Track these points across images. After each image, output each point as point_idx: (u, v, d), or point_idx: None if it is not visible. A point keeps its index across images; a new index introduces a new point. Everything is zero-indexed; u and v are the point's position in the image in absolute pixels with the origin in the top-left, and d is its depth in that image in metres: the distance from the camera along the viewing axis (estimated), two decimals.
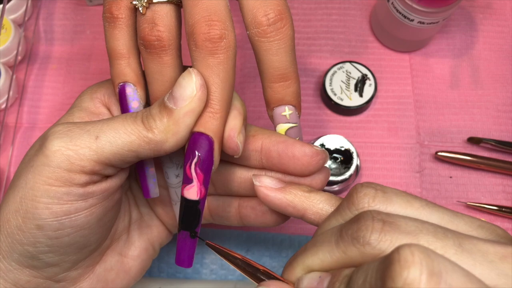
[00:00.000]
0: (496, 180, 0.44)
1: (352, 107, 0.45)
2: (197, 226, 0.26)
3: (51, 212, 0.24)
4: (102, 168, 0.25)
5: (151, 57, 0.26)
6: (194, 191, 0.25)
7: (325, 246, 0.22)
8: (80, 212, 0.25)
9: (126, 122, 0.25)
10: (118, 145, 0.24)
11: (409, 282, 0.16)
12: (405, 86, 0.47)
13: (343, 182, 0.41)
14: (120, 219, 0.30)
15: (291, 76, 0.27)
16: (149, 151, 0.25)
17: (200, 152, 0.24)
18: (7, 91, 0.45)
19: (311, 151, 0.27)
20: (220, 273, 0.41)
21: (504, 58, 0.48)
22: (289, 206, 0.27)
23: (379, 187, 0.23)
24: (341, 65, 0.46)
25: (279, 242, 0.42)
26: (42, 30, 0.50)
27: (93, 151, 0.24)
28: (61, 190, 0.24)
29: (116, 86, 0.28)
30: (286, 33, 0.26)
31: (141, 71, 0.28)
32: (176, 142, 0.25)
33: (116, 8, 0.26)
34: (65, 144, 0.24)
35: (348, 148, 0.41)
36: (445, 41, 0.48)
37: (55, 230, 0.25)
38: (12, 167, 0.46)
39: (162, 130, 0.24)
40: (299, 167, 0.27)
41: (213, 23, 0.24)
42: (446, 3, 0.40)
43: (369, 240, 0.20)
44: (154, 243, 0.32)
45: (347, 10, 0.50)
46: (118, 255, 0.30)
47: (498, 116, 0.46)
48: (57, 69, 0.49)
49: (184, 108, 0.24)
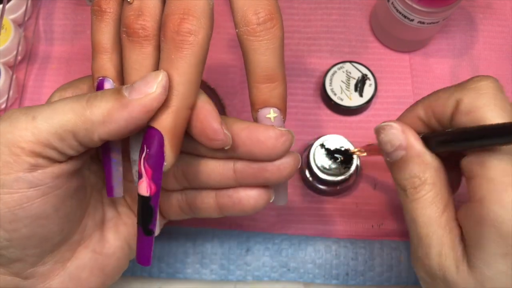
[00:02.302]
0: None
1: (352, 107, 0.45)
2: (151, 223, 0.26)
3: (3, 203, 0.24)
4: (42, 149, 0.24)
5: (132, 45, 0.25)
6: (144, 187, 0.25)
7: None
8: (33, 201, 0.25)
9: (69, 101, 0.25)
10: (53, 124, 0.24)
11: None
12: (405, 86, 0.47)
13: (343, 182, 0.41)
14: (89, 215, 0.30)
15: (277, 77, 0.27)
16: (85, 132, 0.24)
17: (149, 148, 0.24)
18: (7, 91, 0.45)
19: (275, 133, 0.26)
20: (220, 273, 0.41)
21: (504, 58, 0.48)
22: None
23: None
24: (341, 65, 0.46)
25: (279, 242, 0.42)
26: (42, 30, 0.50)
27: (29, 132, 0.24)
28: (10, 178, 0.24)
29: (95, 80, 0.27)
30: (275, 34, 0.25)
31: (121, 68, 0.28)
32: (114, 129, 0.24)
33: (105, 2, 0.26)
34: (4, 128, 0.24)
35: (348, 148, 0.41)
36: (445, 41, 0.48)
37: (10, 222, 0.25)
38: None
39: (101, 111, 0.24)
40: (266, 151, 0.27)
41: (186, 17, 0.24)
42: (446, 3, 0.40)
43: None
44: (131, 242, 0.32)
45: (347, 10, 0.50)
46: (91, 252, 0.30)
47: None
48: (57, 69, 0.49)
49: (136, 100, 0.24)
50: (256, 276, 0.41)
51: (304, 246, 0.42)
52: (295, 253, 0.42)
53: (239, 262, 0.41)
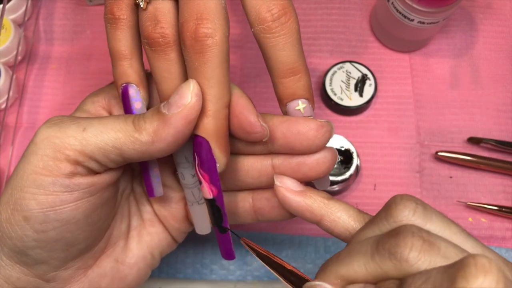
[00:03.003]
0: (496, 180, 0.44)
1: (352, 107, 0.45)
2: (223, 221, 0.27)
3: (37, 203, 0.24)
4: (86, 160, 0.25)
5: (157, 55, 0.26)
6: (206, 191, 0.26)
7: (360, 256, 0.21)
8: (66, 205, 0.25)
9: (117, 120, 0.25)
10: (103, 140, 0.25)
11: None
12: (405, 86, 0.47)
13: (343, 182, 0.41)
14: (116, 223, 0.30)
15: (300, 69, 0.27)
16: (133, 151, 0.25)
17: (199, 155, 0.25)
18: (7, 91, 0.45)
19: (316, 124, 0.27)
20: (220, 273, 0.41)
21: (504, 58, 0.48)
22: (307, 211, 0.27)
23: (419, 201, 0.22)
24: (341, 65, 0.46)
25: (279, 242, 0.42)
26: (42, 30, 0.50)
27: (77, 141, 0.24)
28: (47, 180, 0.24)
29: (118, 87, 0.28)
30: (291, 27, 0.26)
31: (143, 72, 0.28)
32: (164, 146, 0.25)
33: (117, 8, 0.26)
34: (54, 132, 0.25)
35: (348, 148, 0.41)
36: (445, 41, 0.48)
37: (41, 223, 0.25)
38: (12, 167, 0.46)
39: (150, 132, 0.25)
40: (306, 143, 0.27)
41: (200, 21, 0.24)
42: (446, 3, 0.40)
43: (407, 258, 0.20)
44: (154, 251, 0.32)
45: (347, 10, 0.50)
46: (114, 261, 0.30)
47: (498, 116, 0.46)
48: (57, 69, 0.49)
49: (176, 114, 0.24)
50: (256, 276, 0.41)
51: (304, 246, 0.42)
52: (295, 253, 0.42)
53: (239, 262, 0.41)
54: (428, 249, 0.20)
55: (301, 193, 0.27)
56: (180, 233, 0.32)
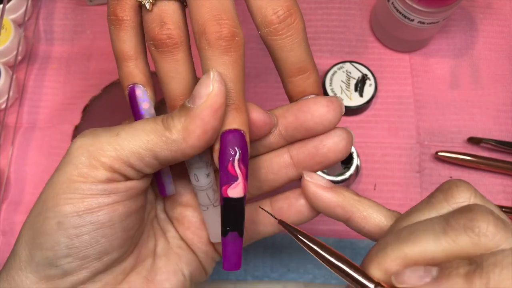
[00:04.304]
0: (496, 180, 0.44)
1: (352, 107, 0.45)
2: (243, 224, 0.26)
3: (72, 207, 0.24)
4: (121, 166, 0.25)
5: (163, 56, 0.26)
6: (240, 188, 0.25)
7: (429, 233, 0.21)
8: (103, 207, 0.25)
9: (148, 122, 0.25)
10: (136, 143, 0.24)
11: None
12: (405, 86, 0.47)
13: (343, 182, 0.41)
14: (144, 241, 0.29)
15: (308, 67, 0.27)
16: (167, 151, 0.25)
17: (240, 148, 0.24)
18: (7, 91, 0.45)
19: (325, 99, 0.27)
20: (220, 273, 0.41)
21: (504, 58, 0.48)
22: (338, 207, 0.26)
23: (472, 186, 0.23)
24: (341, 65, 0.46)
25: (280, 242, 0.42)
26: (42, 30, 0.50)
27: (112, 147, 0.24)
28: (83, 186, 0.24)
29: (125, 88, 0.28)
30: (298, 27, 0.26)
31: (149, 72, 0.28)
32: (195, 141, 0.24)
33: (120, 10, 0.26)
34: (88, 140, 0.25)
35: None
36: (445, 41, 0.48)
37: (76, 227, 0.24)
38: (12, 167, 0.46)
39: (179, 128, 0.24)
40: (318, 119, 0.27)
41: (223, 21, 0.24)
42: (446, 3, 0.40)
43: (486, 232, 0.20)
44: (183, 270, 0.30)
45: (347, 10, 0.50)
46: (143, 278, 0.29)
47: (498, 116, 0.46)
48: (57, 69, 0.49)
49: (201, 105, 0.24)
50: (256, 276, 0.41)
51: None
52: (295, 253, 0.42)
53: None
54: (503, 226, 0.20)
55: (332, 189, 0.27)
56: (208, 258, 0.31)
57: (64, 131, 0.47)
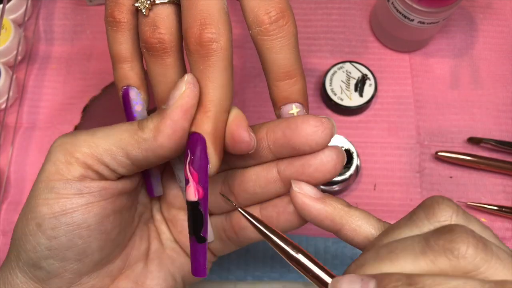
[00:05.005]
0: (496, 180, 0.44)
1: (352, 107, 0.45)
2: (202, 229, 0.25)
3: (49, 207, 0.25)
4: (95, 163, 0.25)
5: (153, 59, 0.26)
6: (192, 192, 0.25)
7: (407, 253, 0.20)
8: (77, 208, 0.25)
9: (125, 124, 0.26)
10: (109, 141, 0.25)
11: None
12: (405, 86, 0.47)
13: (343, 182, 0.41)
14: (135, 243, 0.30)
15: (296, 73, 0.27)
16: (138, 149, 0.25)
17: (193, 152, 0.24)
18: (7, 91, 0.45)
19: (315, 119, 0.26)
20: (220, 273, 0.41)
21: (504, 58, 0.48)
22: (327, 219, 0.26)
23: (455, 203, 0.22)
24: (341, 65, 0.46)
25: None
26: (42, 30, 0.50)
27: (87, 144, 0.25)
28: (58, 184, 0.25)
29: (119, 90, 0.28)
30: (289, 30, 0.26)
31: (144, 75, 0.28)
32: (165, 140, 0.25)
33: (118, 12, 0.27)
34: (68, 139, 0.26)
35: (348, 148, 0.41)
36: (445, 41, 0.48)
37: (53, 228, 0.25)
38: (12, 167, 0.46)
39: (151, 128, 0.25)
40: (305, 139, 0.26)
41: (204, 26, 0.24)
42: (446, 3, 0.40)
43: (465, 254, 0.19)
44: (175, 275, 0.31)
45: (347, 10, 0.50)
46: (133, 283, 0.29)
47: (498, 116, 0.46)
48: (57, 69, 0.49)
49: (172, 106, 0.24)
50: (256, 276, 0.41)
51: (304, 246, 0.42)
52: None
53: (239, 262, 0.41)
54: (483, 248, 0.19)
55: (321, 200, 0.26)
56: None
57: (64, 131, 0.47)
